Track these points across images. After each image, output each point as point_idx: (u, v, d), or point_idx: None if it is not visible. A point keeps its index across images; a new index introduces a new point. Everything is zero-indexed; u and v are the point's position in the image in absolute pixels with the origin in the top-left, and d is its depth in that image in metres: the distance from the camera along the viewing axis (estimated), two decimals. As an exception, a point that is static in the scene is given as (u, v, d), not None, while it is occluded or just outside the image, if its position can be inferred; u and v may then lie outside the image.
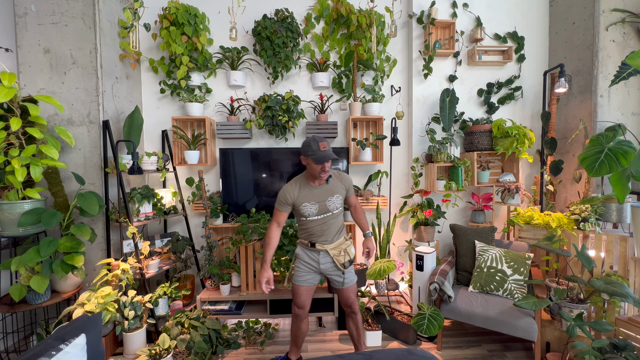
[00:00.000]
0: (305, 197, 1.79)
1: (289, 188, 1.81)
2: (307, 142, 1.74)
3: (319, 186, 1.81)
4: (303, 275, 1.90)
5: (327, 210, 1.81)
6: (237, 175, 2.74)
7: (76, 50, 2.25)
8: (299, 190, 1.80)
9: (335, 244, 1.86)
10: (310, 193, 1.79)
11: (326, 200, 1.80)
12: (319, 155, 1.69)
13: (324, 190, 1.81)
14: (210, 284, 2.57)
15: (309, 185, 1.80)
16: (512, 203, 2.69)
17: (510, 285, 2.20)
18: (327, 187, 1.81)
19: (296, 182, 1.83)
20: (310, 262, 1.89)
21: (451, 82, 2.92)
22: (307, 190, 1.79)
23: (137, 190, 2.40)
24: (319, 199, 1.79)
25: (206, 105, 2.86)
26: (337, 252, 1.86)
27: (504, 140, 2.68)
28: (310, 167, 1.75)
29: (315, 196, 1.79)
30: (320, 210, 1.80)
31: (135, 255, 2.26)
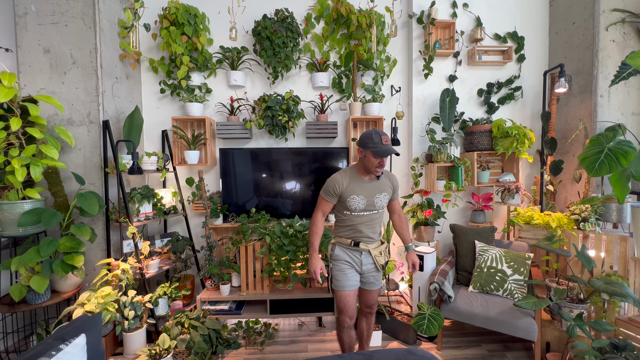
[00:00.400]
0: (354, 190, 1.70)
1: (338, 177, 1.72)
2: (369, 133, 1.65)
3: (369, 180, 1.73)
4: (348, 278, 1.75)
5: (374, 207, 1.73)
6: (237, 175, 2.74)
7: (76, 50, 2.25)
8: (349, 181, 1.70)
9: (377, 244, 1.81)
10: (360, 186, 1.71)
11: (374, 197, 1.72)
12: (381, 148, 1.61)
13: (374, 186, 1.73)
14: (210, 284, 2.57)
15: (360, 178, 1.72)
16: (512, 203, 2.69)
17: (510, 285, 2.20)
18: (377, 183, 1.74)
19: (345, 172, 1.74)
20: (352, 263, 1.77)
21: (451, 82, 2.92)
22: (357, 183, 1.71)
23: (137, 190, 2.40)
24: (368, 194, 1.71)
25: (206, 105, 2.86)
26: (378, 253, 1.80)
27: (504, 140, 2.68)
28: (366, 160, 1.66)
29: (365, 190, 1.71)
30: (367, 205, 1.72)
31: (135, 255, 2.26)
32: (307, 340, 2.38)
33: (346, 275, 1.76)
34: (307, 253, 2.40)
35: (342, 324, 1.80)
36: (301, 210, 2.77)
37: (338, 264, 1.78)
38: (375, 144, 1.62)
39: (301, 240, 2.39)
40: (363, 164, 1.70)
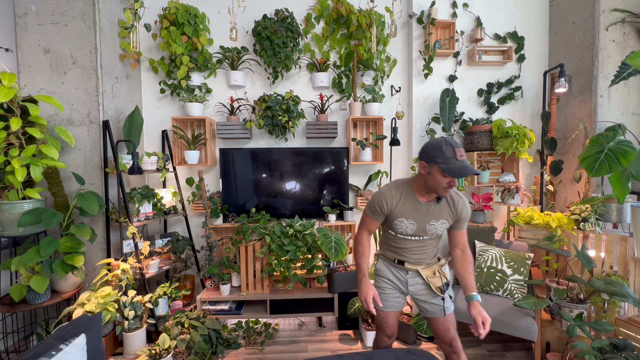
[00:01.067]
0: (405, 212, 1.41)
1: (387, 194, 1.42)
2: (438, 144, 1.28)
3: (426, 203, 1.40)
4: (388, 299, 1.53)
5: (426, 233, 1.44)
6: (237, 175, 2.74)
7: (76, 50, 2.25)
8: (400, 200, 1.41)
9: (427, 266, 1.52)
10: (413, 208, 1.40)
11: (428, 223, 1.41)
12: (455, 165, 1.24)
13: (431, 211, 1.40)
14: (210, 284, 2.57)
15: (414, 198, 1.40)
16: (512, 203, 2.69)
17: (510, 285, 2.20)
18: (435, 207, 1.40)
19: (399, 188, 1.42)
20: (395, 282, 1.54)
21: (451, 82, 2.92)
22: (409, 204, 1.40)
23: (137, 190, 2.40)
24: (421, 219, 1.41)
25: (206, 105, 2.86)
26: (431, 273, 1.51)
27: (504, 140, 2.68)
28: (431, 178, 1.31)
29: (418, 214, 1.41)
30: (417, 231, 1.43)
31: (135, 255, 2.26)
32: (307, 340, 2.38)
33: (386, 295, 1.54)
34: (307, 253, 2.40)
35: (379, 342, 1.62)
36: (301, 210, 2.77)
37: (379, 281, 1.57)
38: (446, 159, 1.25)
39: (301, 240, 2.39)
40: (425, 182, 1.35)
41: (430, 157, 1.30)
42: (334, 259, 2.24)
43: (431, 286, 1.50)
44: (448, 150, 1.26)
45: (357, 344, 2.31)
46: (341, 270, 2.47)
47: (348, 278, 2.44)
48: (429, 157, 1.31)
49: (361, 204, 2.83)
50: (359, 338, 2.39)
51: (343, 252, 2.28)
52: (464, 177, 1.24)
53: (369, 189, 2.87)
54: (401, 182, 1.45)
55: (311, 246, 2.40)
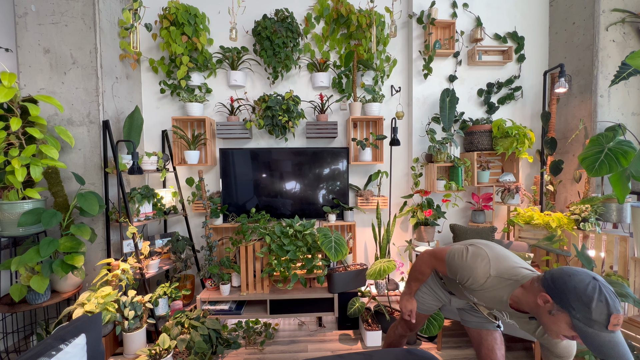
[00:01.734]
0: (484, 299, 1.16)
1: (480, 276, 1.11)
2: (588, 296, 0.87)
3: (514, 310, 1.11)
4: (425, 303, 1.48)
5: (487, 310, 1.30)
6: (237, 175, 2.74)
7: (76, 50, 2.25)
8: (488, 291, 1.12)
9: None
10: (495, 302, 1.14)
11: (500, 312, 1.20)
12: (598, 337, 0.86)
13: (513, 315, 1.14)
14: (210, 284, 2.57)
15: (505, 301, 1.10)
16: (512, 203, 2.69)
17: (510, 285, 2.19)
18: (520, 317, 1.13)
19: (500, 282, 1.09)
20: (438, 293, 1.46)
21: (451, 82, 2.92)
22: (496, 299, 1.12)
23: (137, 190, 2.40)
24: (494, 308, 1.17)
25: (206, 105, 2.86)
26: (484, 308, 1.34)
27: (504, 140, 2.68)
28: (549, 319, 0.95)
29: (497, 307, 1.15)
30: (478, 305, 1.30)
31: (135, 255, 2.26)
32: (307, 340, 2.38)
33: (423, 299, 1.49)
34: (307, 253, 2.40)
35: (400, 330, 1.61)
36: (301, 210, 2.77)
37: (422, 286, 1.49)
38: (589, 321, 0.86)
39: (301, 240, 2.39)
40: (536, 312, 0.99)
41: (566, 301, 0.90)
42: (334, 259, 2.24)
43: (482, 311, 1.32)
44: (599, 311, 0.85)
45: (357, 344, 2.31)
46: (341, 271, 2.47)
47: (348, 278, 2.45)
48: (564, 300, 0.91)
49: (361, 204, 2.83)
50: (359, 338, 2.39)
51: (343, 252, 2.28)
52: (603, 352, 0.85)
53: (369, 189, 2.87)
54: (506, 277, 1.08)
55: (311, 246, 2.40)
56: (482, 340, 1.34)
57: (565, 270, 0.94)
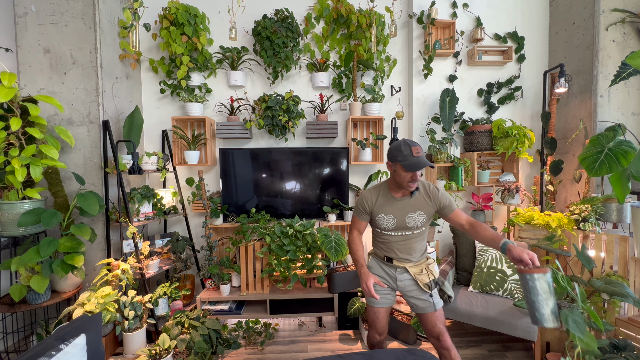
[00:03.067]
0: (383, 208, 1.59)
1: (367, 195, 1.62)
2: (397, 145, 1.50)
3: (401, 198, 1.58)
4: (380, 295, 1.64)
5: (407, 227, 1.58)
6: (237, 175, 2.74)
7: (76, 50, 2.25)
8: (378, 199, 1.60)
9: (418, 263, 1.65)
10: (389, 204, 1.58)
11: (406, 216, 1.57)
12: (411, 161, 1.45)
13: (406, 204, 1.57)
14: (210, 284, 2.57)
15: (390, 195, 1.59)
16: (512, 203, 2.69)
17: (510, 285, 2.20)
18: (410, 201, 1.57)
19: (377, 189, 1.63)
20: (385, 277, 1.67)
21: (451, 82, 2.92)
22: (386, 200, 1.59)
23: (137, 190, 2.40)
24: (399, 213, 1.57)
25: (206, 105, 2.86)
26: (418, 271, 1.63)
27: (504, 140, 2.68)
28: (397, 175, 1.52)
29: (395, 209, 1.58)
30: (398, 225, 1.58)
31: (135, 255, 2.26)
32: (307, 340, 2.38)
33: (377, 291, 1.64)
34: (307, 253, 2.40)
35: (371, 340, 1.73)
36: (301, 210, 2.77)
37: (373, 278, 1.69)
38: (404, 157, 1.46)
39: (301, 240, 2.39)
40: (394, 180, 1.56)
41: (392, 156, 1.52)
42: (334, 259, 2.24)
43: (419, 283, 1.62)
44: (406, 149, 1.48)
45: (357, 344, 2.31)
46: (341, 271, 2.48)
47: (348, 278, 2.45)
48: (391, 157, 1.53)
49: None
50: (359, 338, 2.39)
51: (343, 252, 2.28)
52: (418, 170, 1.45)
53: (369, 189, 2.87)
54: (378, 184, 1.66)
55: (311, 246, 2.40)
56: (428, 320, 1.60)
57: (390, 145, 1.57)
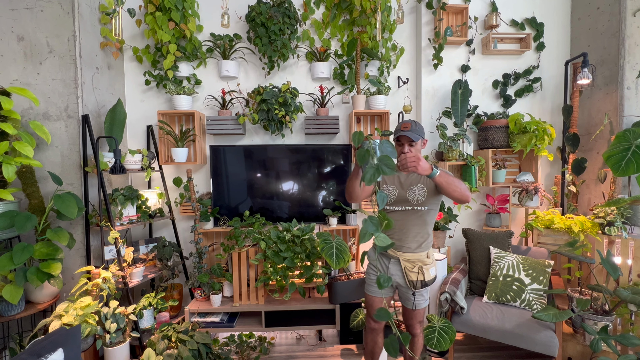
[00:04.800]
0: (388, 178, 1.77)
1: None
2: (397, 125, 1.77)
3: (407, 175, 1.77)
4: (373, 284, 1.84)
5: (407, 200, 1.72)
6: (230, 174, 2.74)
7: (53, 37, 2.25)
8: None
9: (412, 256, 1.74)
10: (394, 176, 1.77)
11: (408, 188, 1.73)
12: (395, 134, 1.70)
13: (409, 177, 1.75)
14: (200, 294, 2.57)
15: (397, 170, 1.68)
16: (531, 205, 2.69)
17: (529, 295, 2.20)
18: (412, 175, 1.75)
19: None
20: (378, 267, 1.83)
21: (464, 73, 2.92)
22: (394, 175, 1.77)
23: (120, 191, 2.40)
24: (400, 185, 1.74)
25: (195, 98, 2.86)
26: (411, 266, 1.73)
27: (521, 137, 2.68)
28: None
29: (398, 180, 1.76)
30: (398, 197, 1.74)
31: (118, 263, 2.26)
32: (306, 355, 2.38)
33: (371, 280, 1.86)
34: (306, 260, 2.41)
35: (367, 325, 1.94)
36: (299, 213, 2.77)
37: (368, 267, 1.90)
38: (396, 132, 1.70)
39: (299, 246, 2.39)
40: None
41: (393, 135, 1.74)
42: (335, 266, 2.24)
43: (405, 277, 1.73)
44: (398, 125, 1.72)
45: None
46: (343, 279, 2.47)
47: (350, 288, 2.44)
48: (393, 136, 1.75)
49: (365, 207, 2.83)
50: (362, 353, 2.39)
51: (345, 259, 2.27)
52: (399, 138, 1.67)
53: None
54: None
55: (310, 252, 2.40)
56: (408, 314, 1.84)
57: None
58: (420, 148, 1.73)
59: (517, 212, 3.00)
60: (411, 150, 1.67)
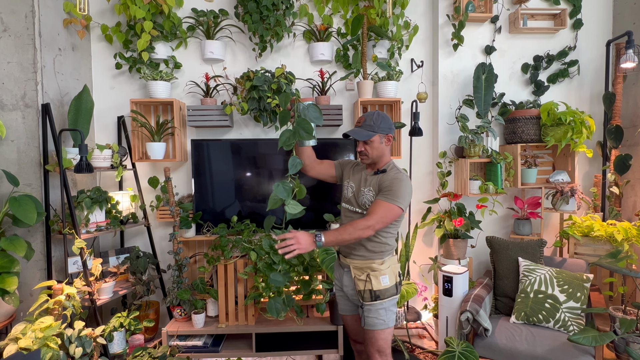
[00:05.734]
0: (353, 175, 1.85)
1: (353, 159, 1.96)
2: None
3: (369, 172, 1.82)
4: (339, 301, 1.93)
5: (357, 203, 1.79)
6: (215, 173, 2.73)
7: (8, 14, 2.24)
8: (356, 166, 1.89)
9: (361, 263, 1.76)
10: (358, 172, 1.85)
11: (361, 188, 1.79)
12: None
13: (366, 177, 1.80)
14: (180, 314, 2.57)
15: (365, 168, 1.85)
16: (566, 210, 2.69)
17: (564, 315, 2.20)
18: (371, 176, 1.79)
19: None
20: (336, 281, 1.91)
21: (488, 55, 2.92)
22: (359, 170, 1.85)
23: (86, 193, 2.40)
24: (358, 183, 1.81)
25: (174, 84, 2.86)
26: (360, 273, 1.75)
27: (555, 129, 2.68)
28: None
29: (357, 178, 1.83)
30: (352, 196, 1.81)
31: (84, 277, 2.25)
32: (304, 385, 2.38)
33: (336, 297, 1.95)
34: (304, 273, 2.41)
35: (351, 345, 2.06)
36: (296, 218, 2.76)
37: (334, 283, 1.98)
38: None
39: (296, 258, 2.39)
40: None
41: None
42: (338, 281, 2.24)
43: (355, 286, 1.75)
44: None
45: None
46: (347, 296, 2.47)
47: (356, 305, 2.44)
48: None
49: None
50: (369, 382, 2.38)
51: (349, 272, 2.27)
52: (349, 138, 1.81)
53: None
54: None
55: (309, 265, 2.40)
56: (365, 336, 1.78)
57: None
58: (383, 146, 1.74)
59: (551, 218, 3.00)
60: (366, 150, 1.72)
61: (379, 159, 1.75)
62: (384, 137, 1.74)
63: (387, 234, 1.75)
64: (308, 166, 1.88)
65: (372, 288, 1.70)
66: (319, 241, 1.59)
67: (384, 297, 1.71)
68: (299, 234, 1.58)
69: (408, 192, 1.70)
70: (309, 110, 1.57)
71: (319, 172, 1.93)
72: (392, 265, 1.78)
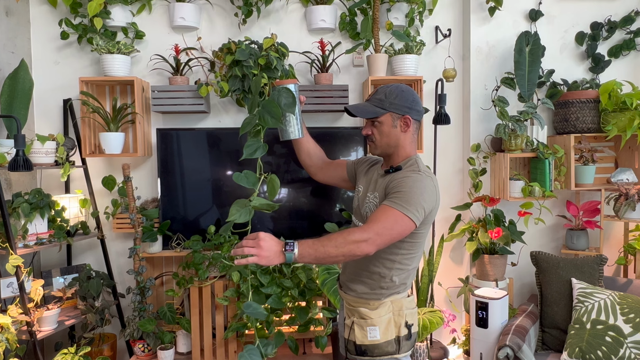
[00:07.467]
0: (365, 175, 1.75)
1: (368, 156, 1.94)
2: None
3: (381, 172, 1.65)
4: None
5: (359, 212, 1.68)
6: (187, 172, 2.73)
7: None
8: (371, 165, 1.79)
9: (354, 301, 1.62)
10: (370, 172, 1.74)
11: (366, 193, 1.66)
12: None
13: (377, 178, 1.65)
14: (143, 349, 2.57)
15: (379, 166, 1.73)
16: (632, 218, 2.69)
17: (629, 352, 2.20)
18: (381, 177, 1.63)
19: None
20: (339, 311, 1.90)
21: (533, 22, 2.92)
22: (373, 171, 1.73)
23: (24, 196, 2.40)
24: (366, 186, 1.70)
25: (135, 58, 2.86)
26: (348, 314, 1.64)
27: (618, 116, 2.68)
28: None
29: (369, 178, 1.71)
30: (359, 203, 1.70)
31: (21, 303, 2.25)
32: None
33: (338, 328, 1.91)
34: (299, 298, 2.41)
35: None
36: (290, 229, 2.77)
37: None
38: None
39: (290, 279, 2.39)
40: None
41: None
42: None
43: (344, 332, 1.65)
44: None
45: None
46: (354, 327, 2.47)
47: (366, 339, 2.45)
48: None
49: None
50: None
51: (357, 297, 2.28)
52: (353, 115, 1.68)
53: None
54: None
55: (306, 287, 2.40)
56: None
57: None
58: (397, 131, 1.57)
59: (613, 228, 3.00)
60: (373, 134, 1.60)
61: (391, 150, 1.59)
62: (400, 119, 1.55)
63: (394, 264, 1.53)
64: (313, 167, 1.83)
65: (356, 340, 1.55)
66: (289, 252, 1.34)
67: (374, 355, 1.54)
68: (264, 238, 1.36)
69: (426, 197, 1.44)
70: (281, 95, 1.55)
71: (328, 175, 1.88)
72: (393, 312, 1.57)
